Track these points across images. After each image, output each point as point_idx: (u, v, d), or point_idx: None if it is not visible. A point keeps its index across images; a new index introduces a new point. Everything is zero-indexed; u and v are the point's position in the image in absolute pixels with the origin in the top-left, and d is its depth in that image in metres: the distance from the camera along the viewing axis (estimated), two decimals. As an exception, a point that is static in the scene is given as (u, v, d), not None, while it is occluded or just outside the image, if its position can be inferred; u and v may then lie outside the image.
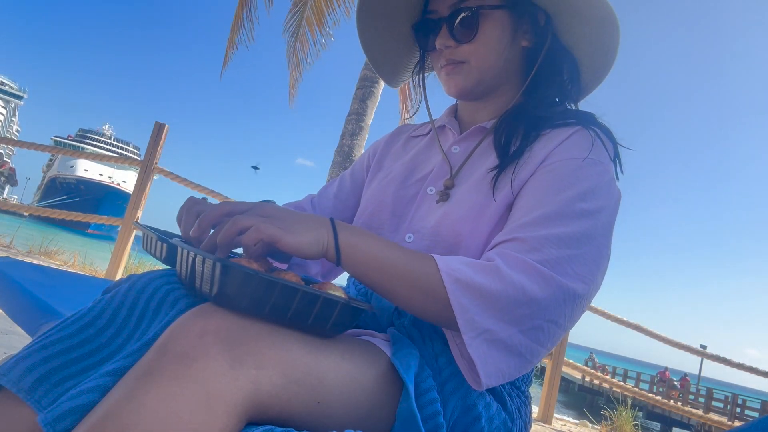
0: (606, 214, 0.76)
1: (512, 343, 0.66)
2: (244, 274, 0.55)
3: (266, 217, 0.64)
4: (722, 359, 4.30)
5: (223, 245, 0.62)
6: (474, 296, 0.65)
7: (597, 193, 0.76)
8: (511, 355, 0.66)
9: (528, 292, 0.66)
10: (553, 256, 0.69)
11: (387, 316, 0.83)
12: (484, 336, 0.65)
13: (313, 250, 0.65)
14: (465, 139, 0.94)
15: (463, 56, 0.88)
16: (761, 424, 0.45)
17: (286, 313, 0.58)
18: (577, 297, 0.69)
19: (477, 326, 0.65)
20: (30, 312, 1.04)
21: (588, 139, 0.81)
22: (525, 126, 0.86)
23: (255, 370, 0.54)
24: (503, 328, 0.66)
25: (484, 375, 0.65)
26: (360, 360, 0.65)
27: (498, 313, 0.65)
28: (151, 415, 0.49)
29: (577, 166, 0.78)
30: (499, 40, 0.87)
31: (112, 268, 4.04)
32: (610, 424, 4.63)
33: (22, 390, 0.60)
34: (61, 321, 0.67)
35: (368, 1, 0.96)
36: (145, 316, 0.66)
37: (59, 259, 5.17)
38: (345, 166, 5.80)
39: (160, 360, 0.52)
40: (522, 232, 0.72)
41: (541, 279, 0.67)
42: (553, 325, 0.68)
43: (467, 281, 0.65)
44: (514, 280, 0.66)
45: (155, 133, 4.18)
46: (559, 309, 0.68)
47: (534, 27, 0.89)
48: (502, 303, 0.65)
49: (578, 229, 0.72)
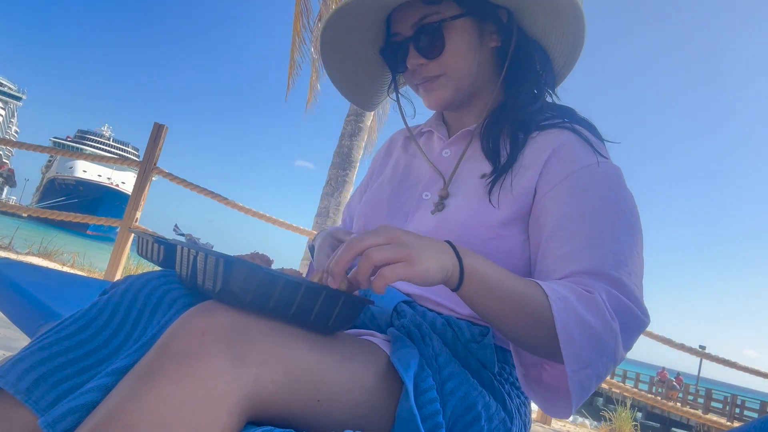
0: (638, 217, 0.81)
1: (604, 374, 0.69)
2: (248, 269, 0.55)
3: (398, 246, 0.60)
4: (721, 360, 4.30)
5: (362, 282, 0.60)
6: (581, 329, 0.67)
7: (625, 199, 0.80)
8: (598, 382, 0.70)
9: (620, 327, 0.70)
10: (628, 281, 0.73)
11: (386, 318, 0.84)
12: (587, 371, 0.67)
13: (438, 278, 0.63)
14: (453, 143, 0.95)
15: (437, 71, 0.89)
16: (760, 425, 0.45)
17: (290, 308, 0.57)
18: (645, 326, 0.74)
19: (582, 360, 0.67)
20: (29, 313, 1.04)
21: (580, 140, 0.83)
22: (510, 127, 0.88)
23: (256, 368, 0.54)
24: (605, 363, 0.68)
25: (576, 404, 0.68)
26: (360, 359, 0.65)
27: (602, 347, 0.68)
28: (153, 416, 0.49)
29: (594, 173, 0.80)
30: (467, 47, 0.88)
31: (111, 269, 4.04)
32: (609, 424, 4.63)
33: (20, 391, 0.60)
34: (58, 322, 0.67)
35: (330, 39, 0.96)
36: (143, 316, 0.66)
37: (58, 260, 5.16)
38: (344, 167, 5.80)
39: (162, 359, 0.52)
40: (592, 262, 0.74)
41: (632, 316, 0.72)
42: (628, 351, 0.73)
43: (575, 312, 0.67)
44: (613, 318, 0.69)
45: (154, 134, 4.17)
46: (634, 339, 0.74)
47: (499, 26, 0.90)
48: (604, 339, 0.68)
49: (630, 240, 0.76)
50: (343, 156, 5.77)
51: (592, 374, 0.67)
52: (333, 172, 5.81)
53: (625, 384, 5.08)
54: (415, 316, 0.80)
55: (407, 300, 0.84)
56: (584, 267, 0.73)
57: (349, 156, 5.77)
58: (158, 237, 0.85)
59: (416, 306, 0.84)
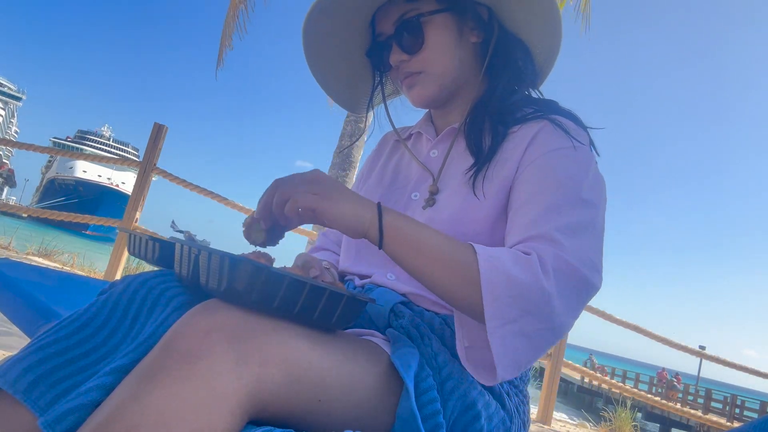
0: (604, 198, 0.80)
1: (535, 336, 0.66)
2: (253, 269, 0.55)
3: (308, 184, 0.66)
4: (721, 360, 4.30)
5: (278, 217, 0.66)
6: (507, 286, 0.65)
7: (592, 176, 0.79)
8: (530, 348, 0.67)
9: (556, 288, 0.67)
10: (577, 247, 0.71)
11: (383, 319, 0.83)
12: (510, 327, 0.65)
13: (352, 223, 0.66)
14: (441, 141, 0.96)
15: (419, 66, 0.90)
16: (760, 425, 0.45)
17: (294, 307, 0.58)
18: (595, 290, 0.72)
19: (504, 316, 0.65)
20: (29, 313, 1.04)
21: (556, 128, 0.83)
22: (491, 120, 0.88)
23: (259, 368, 0.54)
24: (530, 321, 0.66)
25: (501, 368, 0.65)
26: (361, 359, 0.66)
27: (527, 305, 0.65)
28: (156, 416, 0.49)
29: (567, 154, 0.80)
30: (447, 42, 0.89)
31: (111, 269, 4.04)
32: (609, 425, 4.63)
33: (19, 391, 0.60)
34: (57, 322, 0.67)
35: (315, 46, 0.98)
36: (140, 315, 0.67)
37: (58, 260, 5.16)
38: (344, 167, 5.80)
39: (166, 359, 0.52)
40: (542, 228, 0.72)
41: (578, 278, 0.69)
42: (572, 318, 0.70)
43: (504, 271, 0.66)
44: (547, 276, 0.67)
45: (154, 135, 4.17)
46: (581, 304, 0.71)
47: (479, 22, 0.91)
48: (532, 298, 0.65)
49: (588, 218, 0.74)
50: (342, 156, 5.77)
51: (516, 331, 0.65)
52: (333, 173, 5.81)
53: (625, 384, 5.09)
54: (413, 317, 0.80)
55: (404, 300, 0.85)
56: (534, 233, 0.72)
57: (348, 156, 5.77)
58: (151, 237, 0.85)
59: (413, 306, 0.84)
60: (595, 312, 4.09)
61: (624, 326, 4.14)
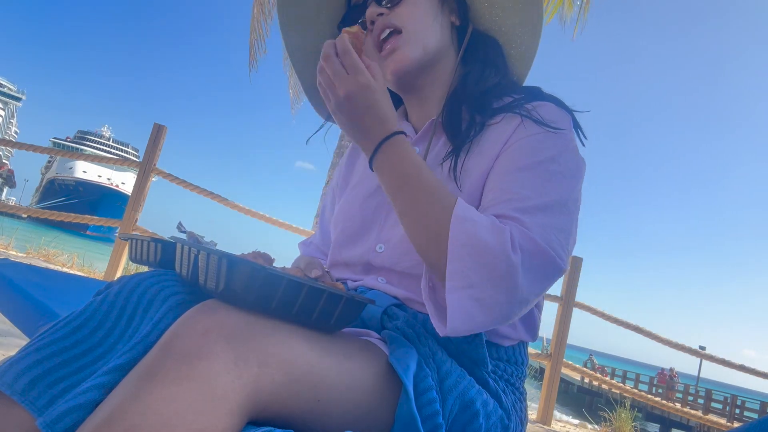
0: (577, 180, 0.79)
1: (493, 306, 0.66)
2: (251, 269, 0.55)
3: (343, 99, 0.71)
4: (721, 360, 4.30)
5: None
6: (473, 250, 0.65)
7: (565, 157, 0.78)
8: (486, 315, 0.66)
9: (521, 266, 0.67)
10: (545, 228, 0.71)
11: (376, 322, 0.83)
12: (468, 291, 0.65)
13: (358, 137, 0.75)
14: (422, 138, 0.93)
15: (398, 21, 0.86)
16: (760, 425, 0.45)
17: (292, 308, 0.58)
18: (560, 271, 0.72)
19: (464, 279, 0.65)
20: (28, 314, 1.03)
21: (537, 124, 0.82)
22: (469, 109, 0.87)
23: (258, 368, 0.54)
24: (491, 291, 0.66)
25: (452, 326, 0.65)
26: (360, 359, 0.65)
27: (491, 274, 0.65)
28: (156, 417, 0.49)
29: (542, 139, 0.79)
30: (427, 2, 0.88)
31: (111, 269, 4.04)
32: (609, 425, 4.63)
33: (17, 392, 0.60)
34: (54, 323, 0.67)
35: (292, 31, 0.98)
36: (136, 315, 0.67)
37: (58, 260, 5.16)
38: (344, 168, 5.79)
39: (165, 359, 0.52)
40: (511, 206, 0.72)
41: (545, 258, 0.69)
42: (534, 297, 0.70)
43: (475, 235, 0.66)
44: (515, 252, 0.67)
45: (154, 135, 4.17)
46: (546, 284, 0.71)
47: (459, 9, 0.93)
48: (497, 266, 0.65)
49: (558, 198, 0.74)
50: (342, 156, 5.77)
51: (473, 296, 0.65)
52: (333, 173, 5.81)
53: (625, 384, 5.08)
54: (408, 318, 0.80)
55: (397, 303, 0.84)
56: (502, 211, 0.72)
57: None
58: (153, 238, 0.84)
59: (407, 308, 0.83)
60: (596, 312, 4.09)
61: (624, 326, 4.13)
